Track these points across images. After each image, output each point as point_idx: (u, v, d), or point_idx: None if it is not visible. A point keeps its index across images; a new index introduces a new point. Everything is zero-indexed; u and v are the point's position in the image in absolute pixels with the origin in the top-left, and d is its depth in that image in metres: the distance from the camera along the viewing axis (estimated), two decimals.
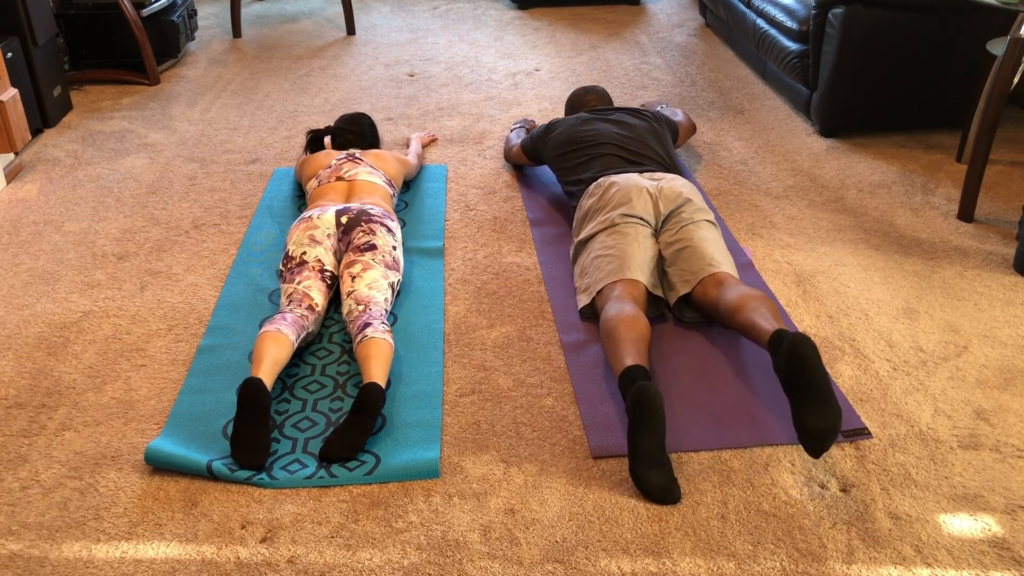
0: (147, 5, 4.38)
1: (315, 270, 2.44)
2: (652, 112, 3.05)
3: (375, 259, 2.45)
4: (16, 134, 3.33)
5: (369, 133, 3.22)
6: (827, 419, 1.83)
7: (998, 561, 1.74)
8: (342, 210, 2.57)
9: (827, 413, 1.84)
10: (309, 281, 2.40)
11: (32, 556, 1.78)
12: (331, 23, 5.45)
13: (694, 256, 2.41)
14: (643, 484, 1.88)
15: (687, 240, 2.46)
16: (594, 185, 2.69)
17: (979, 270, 2.73)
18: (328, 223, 2.53)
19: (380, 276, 2.42)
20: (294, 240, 2.51)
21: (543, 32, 5.22)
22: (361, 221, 2.54)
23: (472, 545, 1.79)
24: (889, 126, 3.76)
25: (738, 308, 2.16)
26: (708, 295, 2.33)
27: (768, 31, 4.03)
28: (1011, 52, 2.85)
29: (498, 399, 2.21)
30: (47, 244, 2.97)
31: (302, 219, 2.57)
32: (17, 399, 2.24)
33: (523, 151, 3.27)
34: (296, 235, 2.52)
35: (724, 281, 2.32)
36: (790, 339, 1.90)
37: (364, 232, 2.51)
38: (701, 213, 2.54)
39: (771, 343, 2.00)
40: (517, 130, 3.54)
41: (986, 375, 2.27)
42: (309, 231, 2.52)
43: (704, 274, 2.37)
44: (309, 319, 2.30)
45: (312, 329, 2.32)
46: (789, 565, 1.74)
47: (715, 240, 2.48)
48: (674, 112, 3.45)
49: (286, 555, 1.78)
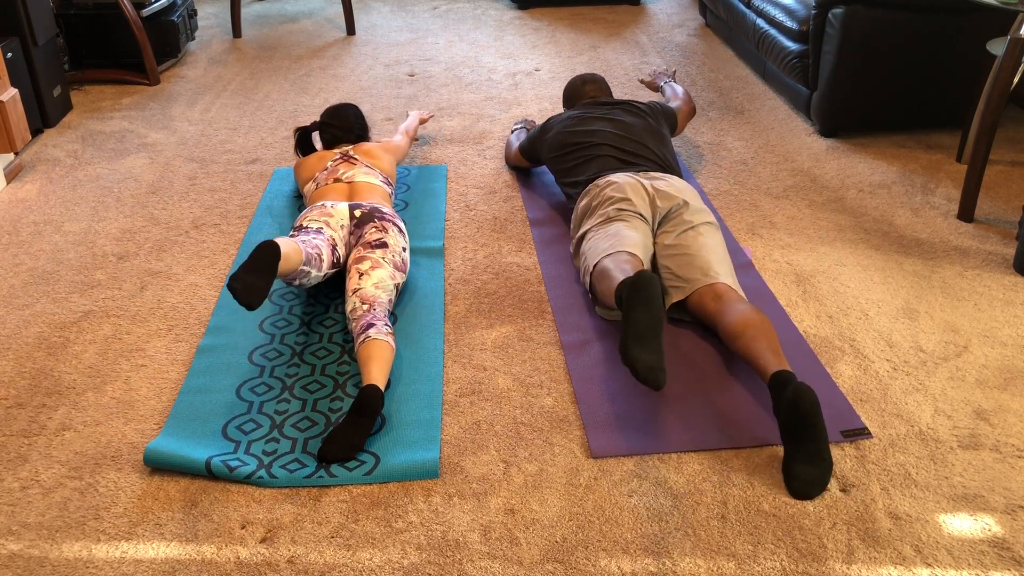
0: (147, 5, 4.38)
1: (328, 242, 2.45)
2: (648, 106, 3.03)
3: (385, 258, 2.45)
4: (16, 134, 3.33)
5: (357, 125, 3.13)
6: (818, 472, 1.91)
7: (998, 561, 1.74)
8: (355, 205, 2.58)
9: (819, 466, 1.91)
10: (319, 242, 2.42)
11: (32, 556, 1.78)
12: (331, 23, 5.45)
13: (692, 264, 2.39)
14: (631, 361, 1.88)
15: (686, 246, 2.43)
16: (591, 185, 2.68)
17: (979, 270, 2.73)
18: (342, 214, 2.54)
19: (388, 276, 2.42)
20: (309, 217, 2.52)
21: (543, 32, 5.22)
22: (374, 217, 2.54)
23: (472, 545, 1.79)
24: (889, 126, 3.76)
25: (738, 335, 2.15)
26: (706, 307, 2.32)
27: (768, 31, 4.03)
28: (1011, 52, 2.85)
29: (498, 399, 2.21)
30: (47, 244, 2.97)
31: (315, 206, 2.57)
32: (17, 399, 2.24)
33: (521, 154, 3.27)
34: (312, 214, 2.53)
35: (723, 295, 2.30)
36: (793, 389, 1.92)
37: (377, 228, 2.51)
38: (701, 215, 2.52)
39: (772, 384, 2.00)
40: (518, 132, 3.53)
41: (986, 375, 2.27)
42: (324, 216, 2.51)
43: (700, 284, 2.35)
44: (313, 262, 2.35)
45: (313, 275, 2.37)
46: (789, 565, 1.74)
47: (715, 247, 2.44)
48: (675, 91, 3.42)
49: (286, 555, 1.78)
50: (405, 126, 3.42)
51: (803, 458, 1.92)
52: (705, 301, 2.32)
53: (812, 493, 1.89)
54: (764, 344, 2.09)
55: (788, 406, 1.91)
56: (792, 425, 1.92)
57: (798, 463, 1.91)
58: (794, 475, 1.90)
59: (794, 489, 1.90)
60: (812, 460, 1.91)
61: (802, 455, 1.92)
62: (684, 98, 3.37)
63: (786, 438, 1.94)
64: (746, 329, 2.14)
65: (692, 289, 2.36)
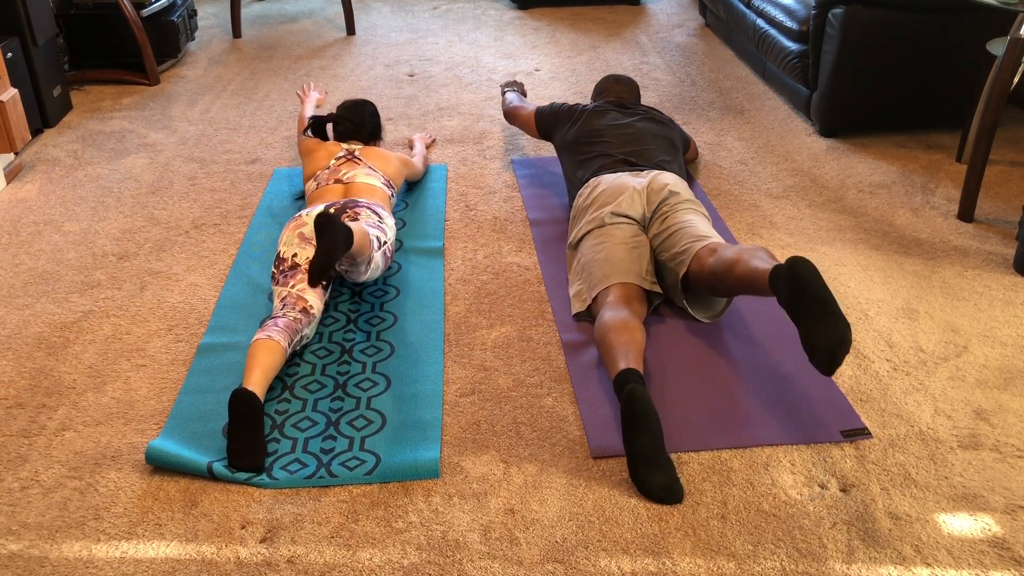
0: (147, 5, 4.38)
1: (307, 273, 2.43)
2: (670, 118, 3.05)
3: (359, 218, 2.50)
4: (16, 134, 3.33)
5: (370, 123, 3.13)
6: (835, 332, 1.81)
7: (998, 561, 1.74)
8: (330, 204, 2.59)
9: (834, 325, 1.82)
10: (303, 283, 2.39)
11: (32, 556, 1.78)
12: (331, 23, 5.45)
13: (683, 237, 2.40)
14: (645, 486, 1.88)
15: (673, 225, 2.45)
16: (585, 185, 2.70)
17: (979, 270, 2.73)
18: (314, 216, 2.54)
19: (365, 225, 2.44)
20: (284, 240, 2.49)
21: (543, 32, 5.22)
22: (347, 208, 2.56)
23: (472, 545, 1.79)
24: (889, 126, 3.76)
25: (735, 262, 2.13)
26: (704, 265, 2.29)
27: (768, 31, 4.03)
28: (1011, 52, 2.85)
29: (498, 399, 2.21)
30: (47, 244, 2.97)
31: (292, 219, 2.57)
32: (17, 399, 2.24)
33: (536, 119, 3.21)
34: (286, 235, 2.51)
35: (717, 248, 2.29)
36: (788, 263, 1.90)
37: (349, 217, 2.52)
38: (687, 204, 2.54)
39: (771, 278, 1.97)
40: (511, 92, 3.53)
41: (986, 375, 2.27)
42: (299, 229, 2.50)
43: (696, 248, 2.34)
44: (303, 322, 2.29)
45: (307, 332, 2.31)
46: (789, 565, 1.74)
47: (702, 222, 2.47)
48: None
49: (286, 555, 1.78)
50: (419, 152, 3.41)
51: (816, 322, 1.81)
52: (703, 261, 2.30)
53: (837, 358, 1.80)
54: (761, 256, 2.08)
55: (786, 279, 1.88)
56: (794, 292, 1.86)
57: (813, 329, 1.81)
58: (812, 347, 1.81)
59: (819, 361, 1.81)
60: (823, 322, 1.81)
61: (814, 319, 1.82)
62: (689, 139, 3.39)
63: (793, 313, 1.87)
64: (741, 255, 2.14)
65: (691, 256, 2.34)
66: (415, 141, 3.54)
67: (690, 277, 2.37)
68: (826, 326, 1.82)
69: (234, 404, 1.99)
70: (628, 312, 2.23)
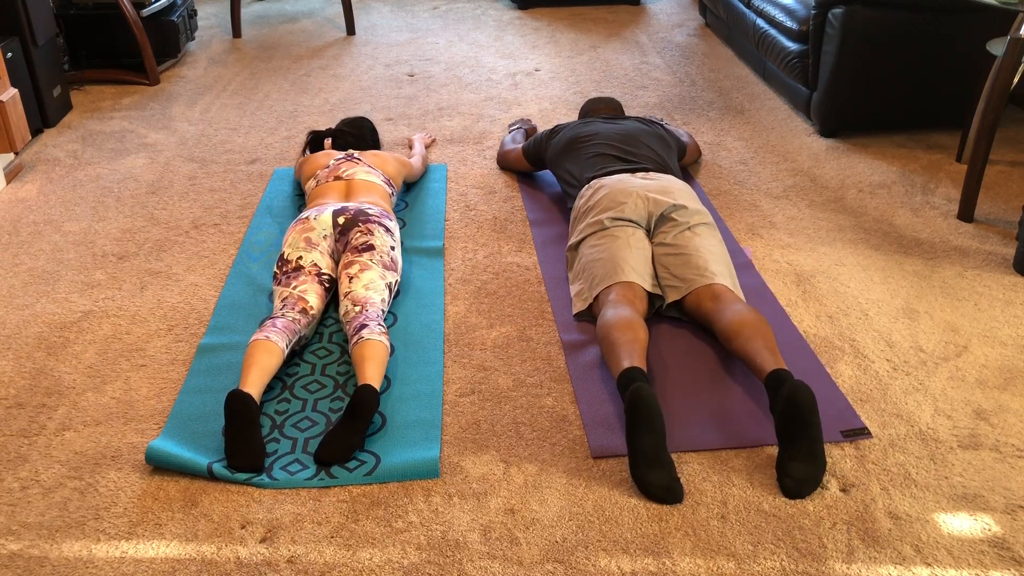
0: (147, 5, 4.38)
1: (311, 274, 2.43)
2: (660, 121, 3.06)
3: (373, 259, 2.45)
4: (16, 134, 3.33)
5: (370, 137, 3.22)
6: (812, 471, 1.90)
7: (998, 561, 1.74)
8: (339, 210, 2.56)
9: (814, 464, 1.90)
10: (306, 285, 2.39)
11: (32, 556, 1.78)
12: (331, 23, 5.45)
13: (688, 264, 2.39)
14: (645, 485, 1.88)
15: (682, 247, 2.44)
16: (586, 187, 2.69)
17: (979, 270, 2.73)
18: (325, 224, 2.53)
19: (377, 276, 2.42)
20: (290, 242, 2.50)
21: (543, 32, 5.22)
22: (359, 221, 2.53)
23: (472, 545, 1.79)
24: (889, 126, 3.76)
25: (735, 335, 2.15)
26: (703, 307, 2.32)
27: (768, 31, 4.03)
28: (1011, 52, 2.85)
29: (498, 399, 2.21)
30: (47, 244, 2.97)
31: (299, 220, 2.57)
32: (17, 399, 2.24)
33: (524, 155, 3.26)
34: (292, 237, 2.51)
35: (720, 296, 2.30)
36: (789, 386, 1.91)
37: (362, 232, 2.51)
38: (698, 216, 2.52)
39: (769, 382, 2.00)
40: (515, 132, 3.53)
41: (986, 375, 2.27)
42: (305, 233, 2.51)
43: (697, 284, 2.35)
44: (302, 323, 2.29)
45: (305, 333, 2.31)
46: (789, 565, 1.74)
47: (712, 247, 2.45)
48: (678, 132, 3.43)
49: (286, 555, 1.78)
50: (418, 152, 3.40)
51: (797, 456, 1.90)
52: (702, 301, 2.32)
53: (804, 491, 1.88)
54: (761, 343, 2.09)
55: (784, 403, 1.91)
56: (787, 422, 1.91)
57: (791, 461, 1.90)
58: (787, 472, 1.90)
59: (786, 487, 1.89)
60: (805, 458, 1.90)
61: (796, 453, 1.91)
62: (688, 137, 3.38)
63: (781, 436, 1.93)
64: (743, 329, 2.14)
65: (689, 289, 2.36)
66: (415, 141, 3.54)
67: (683, 307, 2.39)
68: (806, 464, 1.90)
69: (230, 405, 1.99)
70: (631, 310, 2.23)
